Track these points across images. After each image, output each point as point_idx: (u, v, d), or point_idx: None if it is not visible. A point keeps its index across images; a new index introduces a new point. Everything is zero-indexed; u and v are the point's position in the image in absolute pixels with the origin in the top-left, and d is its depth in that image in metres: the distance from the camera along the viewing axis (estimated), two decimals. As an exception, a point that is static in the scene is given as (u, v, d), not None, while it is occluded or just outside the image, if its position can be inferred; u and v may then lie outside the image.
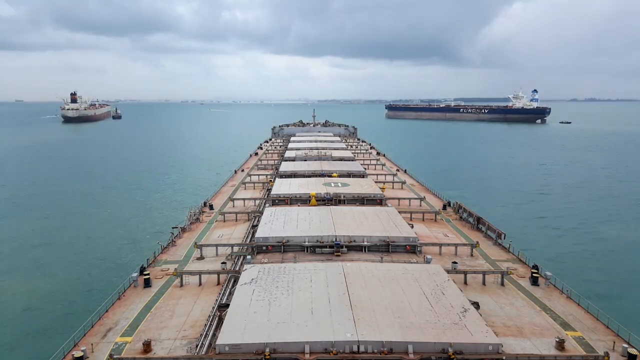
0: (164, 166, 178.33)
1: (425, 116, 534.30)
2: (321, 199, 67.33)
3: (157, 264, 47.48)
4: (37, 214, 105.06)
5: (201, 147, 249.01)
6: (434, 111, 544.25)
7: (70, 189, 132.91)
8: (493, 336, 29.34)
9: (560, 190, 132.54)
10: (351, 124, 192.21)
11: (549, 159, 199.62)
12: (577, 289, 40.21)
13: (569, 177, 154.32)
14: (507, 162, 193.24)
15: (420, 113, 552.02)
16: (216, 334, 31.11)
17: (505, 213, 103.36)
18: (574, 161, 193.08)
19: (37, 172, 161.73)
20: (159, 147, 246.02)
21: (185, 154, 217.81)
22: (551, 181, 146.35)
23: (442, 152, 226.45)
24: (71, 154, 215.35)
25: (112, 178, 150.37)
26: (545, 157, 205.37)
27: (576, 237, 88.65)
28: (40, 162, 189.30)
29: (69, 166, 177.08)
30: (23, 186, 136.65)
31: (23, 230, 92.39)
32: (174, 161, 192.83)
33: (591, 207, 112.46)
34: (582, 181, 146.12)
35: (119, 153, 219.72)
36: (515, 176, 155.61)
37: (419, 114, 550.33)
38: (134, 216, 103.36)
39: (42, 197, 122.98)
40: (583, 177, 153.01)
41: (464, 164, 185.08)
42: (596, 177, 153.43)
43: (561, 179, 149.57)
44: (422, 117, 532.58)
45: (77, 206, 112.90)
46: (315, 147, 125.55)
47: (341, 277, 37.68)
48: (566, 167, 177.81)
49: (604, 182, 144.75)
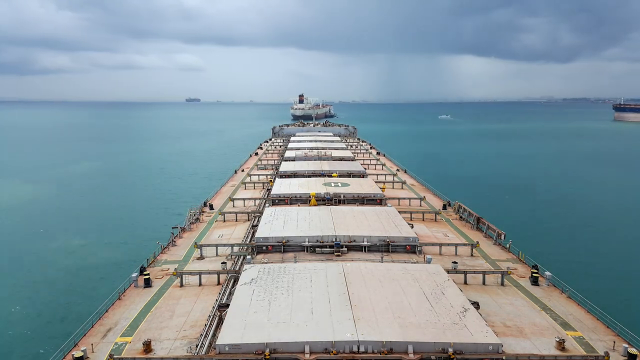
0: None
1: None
2: (321, 199, 67.34)
3: (157, 264, 47.48)
4: (36, 214, 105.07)
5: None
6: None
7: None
8: (493, 336, 29.33)
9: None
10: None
11: None
12: (577, 289, 40.16)
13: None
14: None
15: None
16: (216, 334, 31.11)
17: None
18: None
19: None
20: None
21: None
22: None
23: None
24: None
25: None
26: None
27: (576, 237, 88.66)
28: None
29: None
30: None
31: (23, 230, 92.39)
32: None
33: (591, 208, 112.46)
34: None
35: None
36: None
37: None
38: (134, 216, 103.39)
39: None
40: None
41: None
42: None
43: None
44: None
45: (77, 206, 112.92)
46: (315, 147, 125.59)
47: (341, 277, 37.68)
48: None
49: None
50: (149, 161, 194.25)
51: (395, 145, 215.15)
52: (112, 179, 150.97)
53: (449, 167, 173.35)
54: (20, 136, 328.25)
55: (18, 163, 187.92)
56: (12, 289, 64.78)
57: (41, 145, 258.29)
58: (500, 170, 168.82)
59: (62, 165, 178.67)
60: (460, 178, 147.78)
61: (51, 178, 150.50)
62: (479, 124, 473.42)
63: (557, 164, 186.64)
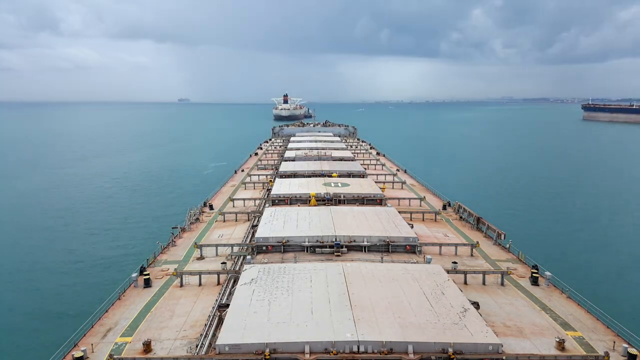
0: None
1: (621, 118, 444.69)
2: (321, 199, 67.33)
3: (157, 264, 47.49)
4: (35, 214, 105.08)
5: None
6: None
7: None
8: (493, 336, 29.33)
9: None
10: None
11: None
12: (577, 289, 40.18)
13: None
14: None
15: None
16: (216, 334, 31.11)
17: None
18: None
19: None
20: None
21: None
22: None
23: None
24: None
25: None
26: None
27: (576, 237, 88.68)
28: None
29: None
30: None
31: (22, 230, 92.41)
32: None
33: (592, 207, 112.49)
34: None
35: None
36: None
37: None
38: (134, 216, 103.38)
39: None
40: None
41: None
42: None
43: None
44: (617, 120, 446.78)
45: (77, 206, 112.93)
46: (315, 147, 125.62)
47: (341, 277, 37.68)
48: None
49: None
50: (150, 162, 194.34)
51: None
52: (112, 179, 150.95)
53: (449, 167, 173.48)
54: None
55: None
56: (12, 289, 64.78)
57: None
58: (500, 171, 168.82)
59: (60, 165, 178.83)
60: (460, 178, 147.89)
61: (51, 178, 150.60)
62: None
63: (557, 164, 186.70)
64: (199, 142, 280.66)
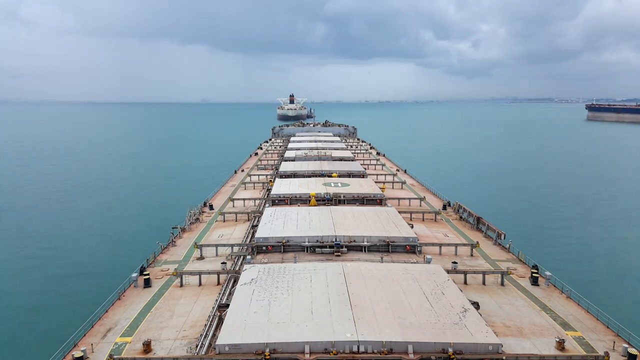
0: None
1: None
2: (321, 199, 67.33)
3: (157, 264, 47.49)
4: (33, 214, 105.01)
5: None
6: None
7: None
8: (493, 336, 29.33)
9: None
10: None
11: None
12: (577, 289, 40.18)
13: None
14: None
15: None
16: (216, 334, 31.10)
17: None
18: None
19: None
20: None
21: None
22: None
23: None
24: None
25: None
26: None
27: (576, 237, 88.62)
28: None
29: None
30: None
31: (22, 230, 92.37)
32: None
33: (592, 207, 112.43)
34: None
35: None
36: None
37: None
38: (134, 216, 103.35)
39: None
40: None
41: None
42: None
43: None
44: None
45: (76, 206, 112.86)
46: (315, 147, 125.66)
47: (341, 277, 37.67)
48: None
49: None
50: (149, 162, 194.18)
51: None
52: (112, 179, 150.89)
53: (448, 166, 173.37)
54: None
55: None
56: (12, 290, 64.74)
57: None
58: (500, 170, 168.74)
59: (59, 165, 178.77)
60: (460, 178, 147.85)
61: (51, 177, 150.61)
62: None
63: (557, 164, 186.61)
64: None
